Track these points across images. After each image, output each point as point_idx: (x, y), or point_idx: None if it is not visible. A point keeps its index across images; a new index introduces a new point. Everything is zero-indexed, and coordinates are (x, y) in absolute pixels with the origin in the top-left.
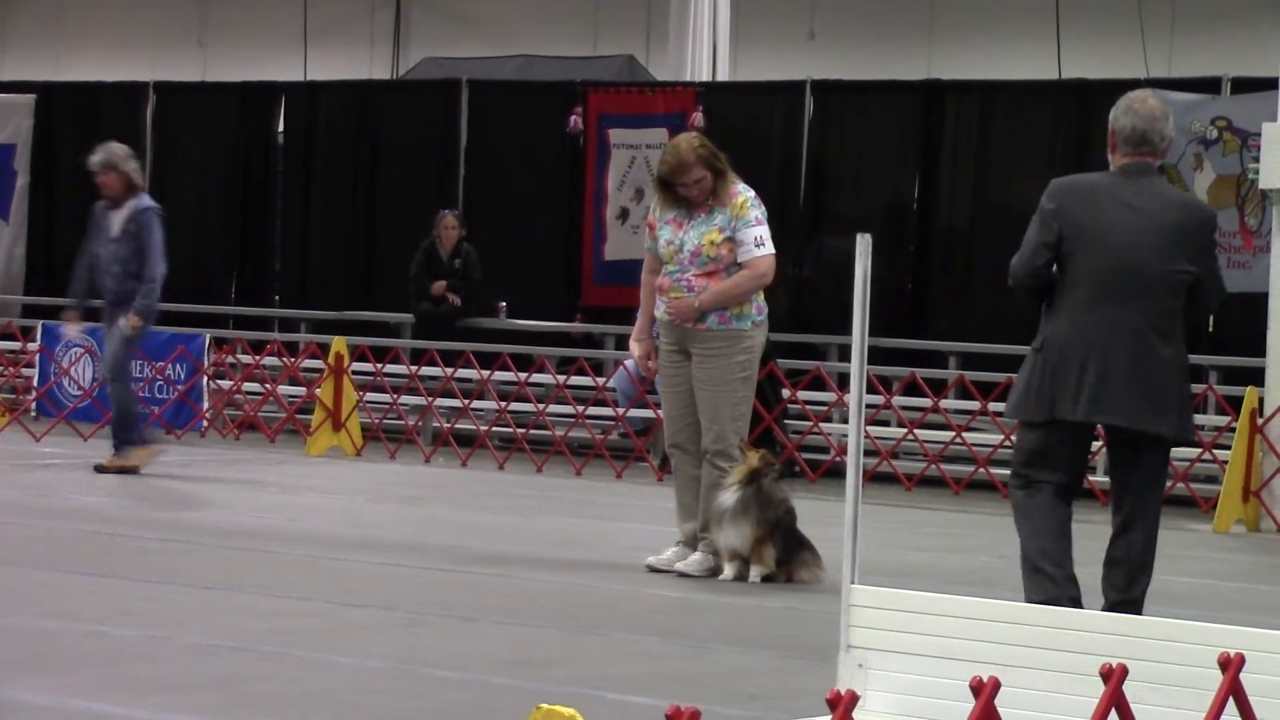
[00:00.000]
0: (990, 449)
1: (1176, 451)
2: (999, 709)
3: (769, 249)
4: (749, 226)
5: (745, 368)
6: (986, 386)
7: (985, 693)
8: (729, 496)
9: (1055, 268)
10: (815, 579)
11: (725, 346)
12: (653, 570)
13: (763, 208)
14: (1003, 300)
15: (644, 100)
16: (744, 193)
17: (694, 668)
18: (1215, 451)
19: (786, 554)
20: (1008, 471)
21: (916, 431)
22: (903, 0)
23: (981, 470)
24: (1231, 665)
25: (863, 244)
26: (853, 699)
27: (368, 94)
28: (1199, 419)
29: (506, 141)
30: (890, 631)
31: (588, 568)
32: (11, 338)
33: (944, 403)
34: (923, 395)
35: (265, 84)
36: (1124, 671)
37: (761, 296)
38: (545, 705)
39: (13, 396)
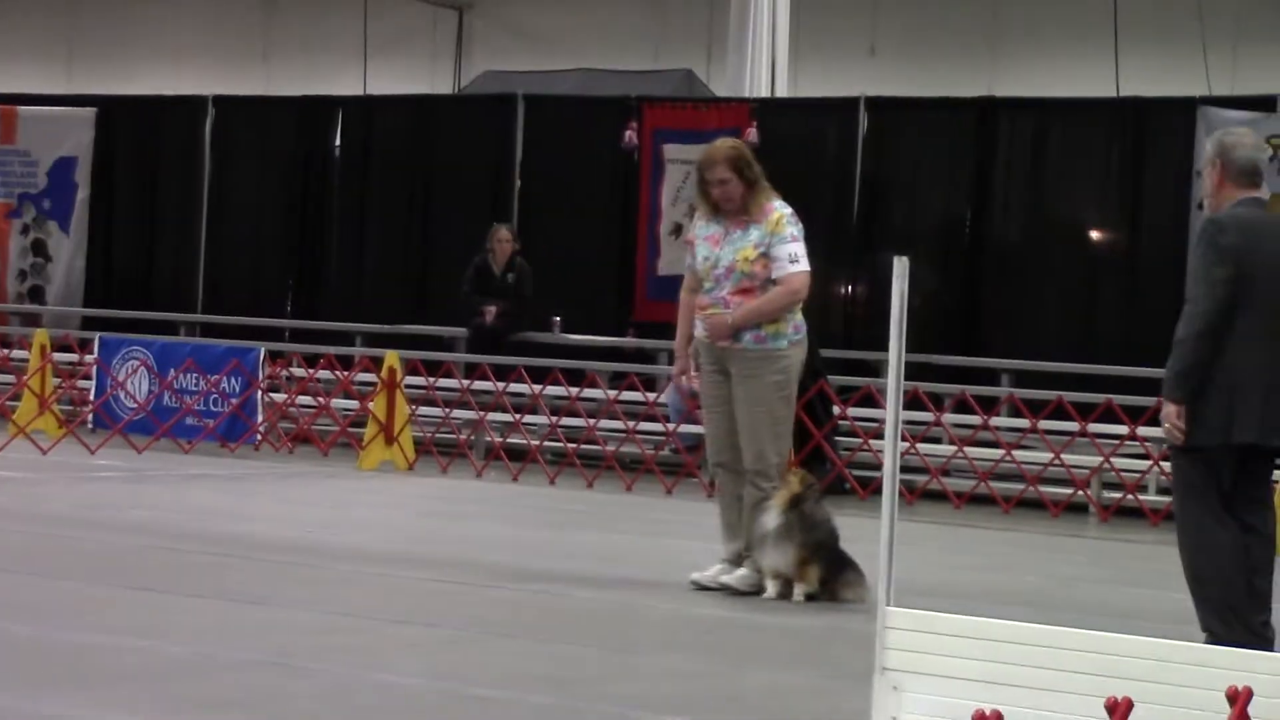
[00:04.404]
0: (1041, 467)
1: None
2: None
3: (803, 265)
4: (784, 243)
5: (782, 387)
6: (1037, 404)
7: None
8: (771, 519)
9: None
10: (859, 598)
11: (762, 366)
12: (698, 588)
13: (799, 225)
14: (1055, 318)
15: (698, 116)
16: (780, 209)
17: (733, 687)
18: None
19: (830, 573)
20: (1058, 489)
21: (966, 449)
22: (964, 16)
23: (1031, 489)
24: (1240, 699)
25: (900, 267)
26: None
27: (423, 108)
28: None
29: (561, 156)
30: (926, 654)
31: (633, 585)
32: (69, 349)
33: (994, 420)
34: (973, 413)
35: (323, 98)
36: (1129, 705)
37: (799, 315)
38: None
39: (69, 408)
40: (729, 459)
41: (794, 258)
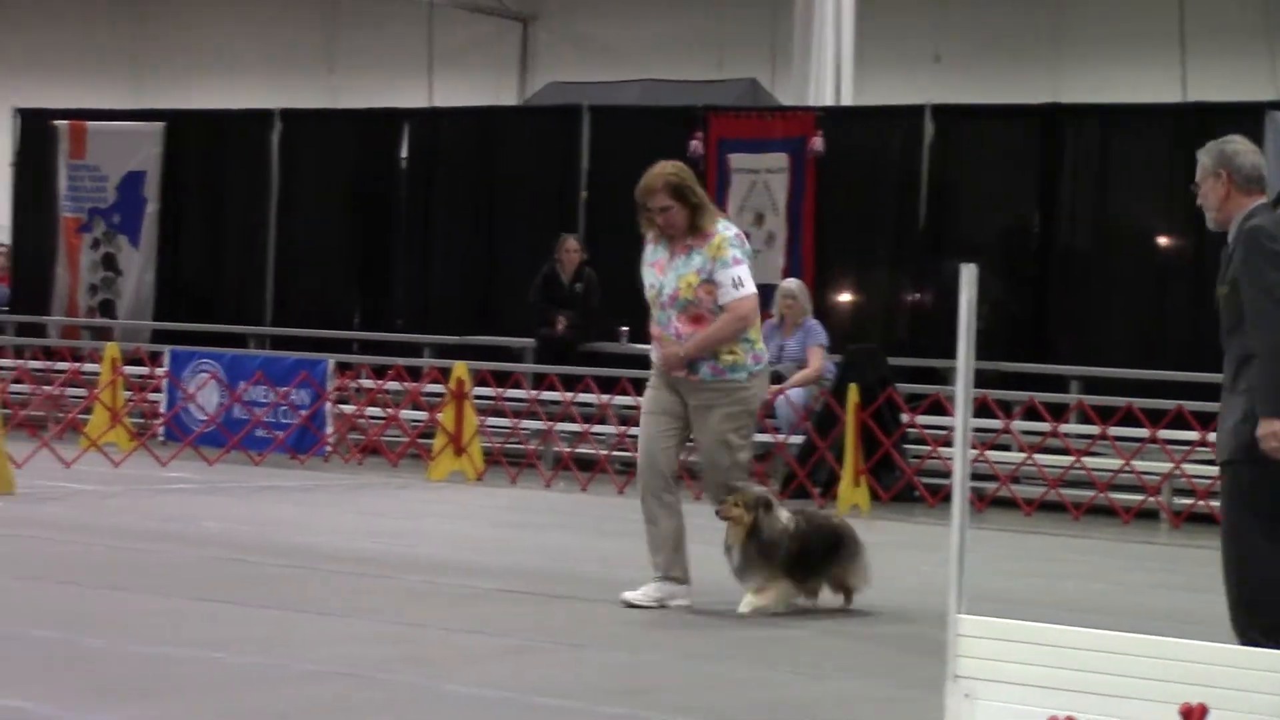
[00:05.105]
0: (1111, 474)
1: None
2: None
3: (749, 289)
4: (727, 267)
5: (738, 419)
6: (1107, 411)
7: None
8: (736, 557)
9: None
10: (861, 579)
11: (719, 398)
12: (629, 606)
13: (745, 246)
14: (1123, 323)
15: (763, 125)
16: (723, 231)
17: (803, 695)
18: None
19: (814, 570)
20: (1129, 496)
21: (1036, 456)
22: (1029, 23)
23: (1102, 496)
24: None
25: (968, 274)
26: None
27: (489, 120)
28: None
29: (627, 166)
30: (998, 662)
31: (703, 594)
32: (139, 363)
33: (1063, 427)
34: (1042, 419)
35: (389, 110)
36: (1203, 711)
37: (760, 345)
38: None
39: (140, 421)
40: (655, 470)
41: (738, 282)
